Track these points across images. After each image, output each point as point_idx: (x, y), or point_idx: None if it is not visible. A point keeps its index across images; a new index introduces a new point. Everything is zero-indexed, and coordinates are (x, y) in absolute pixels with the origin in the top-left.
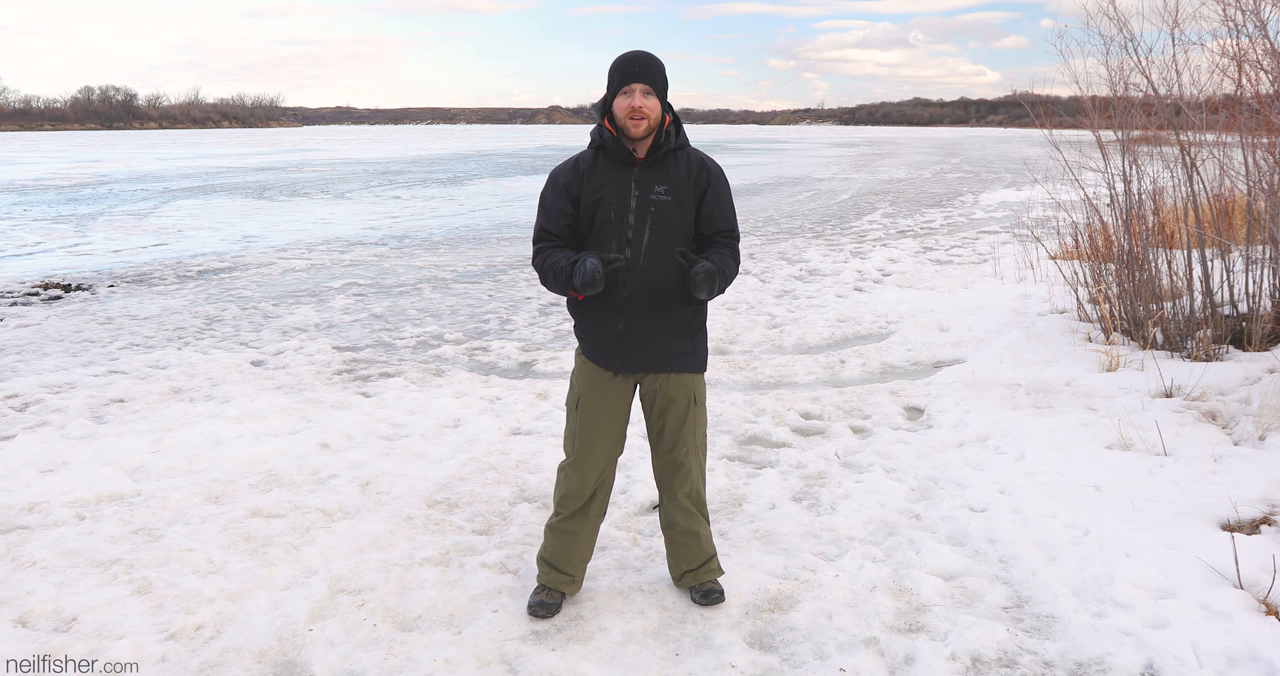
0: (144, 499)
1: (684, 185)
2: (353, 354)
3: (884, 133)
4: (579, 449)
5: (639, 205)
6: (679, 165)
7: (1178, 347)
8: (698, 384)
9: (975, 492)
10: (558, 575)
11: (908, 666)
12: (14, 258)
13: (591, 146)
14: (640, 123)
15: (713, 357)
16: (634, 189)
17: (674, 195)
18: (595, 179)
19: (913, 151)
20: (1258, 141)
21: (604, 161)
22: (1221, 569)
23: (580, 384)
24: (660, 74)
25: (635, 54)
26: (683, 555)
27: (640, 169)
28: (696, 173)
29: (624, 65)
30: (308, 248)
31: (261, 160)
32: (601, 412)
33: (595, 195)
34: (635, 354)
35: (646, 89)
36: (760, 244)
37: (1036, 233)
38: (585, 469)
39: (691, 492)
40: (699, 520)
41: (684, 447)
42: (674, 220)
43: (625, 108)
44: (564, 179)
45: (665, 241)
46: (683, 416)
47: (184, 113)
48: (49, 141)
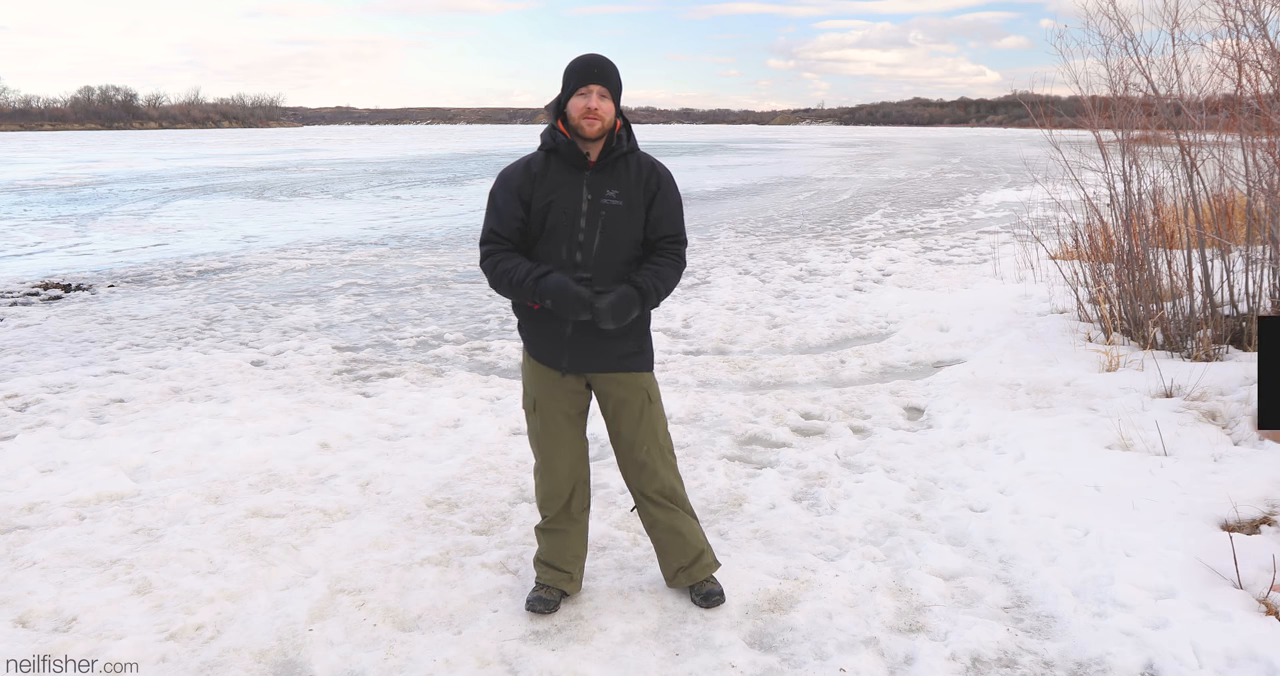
0: (144, 499)
1: (635, 189)
2: (353, 354)
3: (884, 133)
4: (545, 450)
5: (590, 209)
6: (630, 169)
7: (1178, 347)
8: (649, 382)
9: (975, 492)
10: (555, 573)
11: (908, 666)
12: (14, 258)
13: (543, 149)
14: (595, 123)
15: (713, 357)
16: (585, 192)
17: (625, 199)
18: (547, 182)
19: (913, 151)
20: (1258, 141)
21: (555, 164)
22: (1221, 569)
23: (531, 385)
24: (616, 78)
25: (593, 56)
26: (671, 553)
27: (592, 172)
28: (647, 177)
29: (581, 67)
30: (308, 248)
31: (261, 160)
32: (557, 411)
33: (547, 198)
34: (582, 356)
35: (603, 91)
36: (760, 244)
37: (1036, 233)
38: (555, 468)
39: (663, 489)
40: (679, 515)
41: (644, 447)
42: (624, 224)
43: (581, 108)
44: (516, 181)
45: (616, 246)
46: (638, 416)
47: (184, 113)
48: (49, 141)
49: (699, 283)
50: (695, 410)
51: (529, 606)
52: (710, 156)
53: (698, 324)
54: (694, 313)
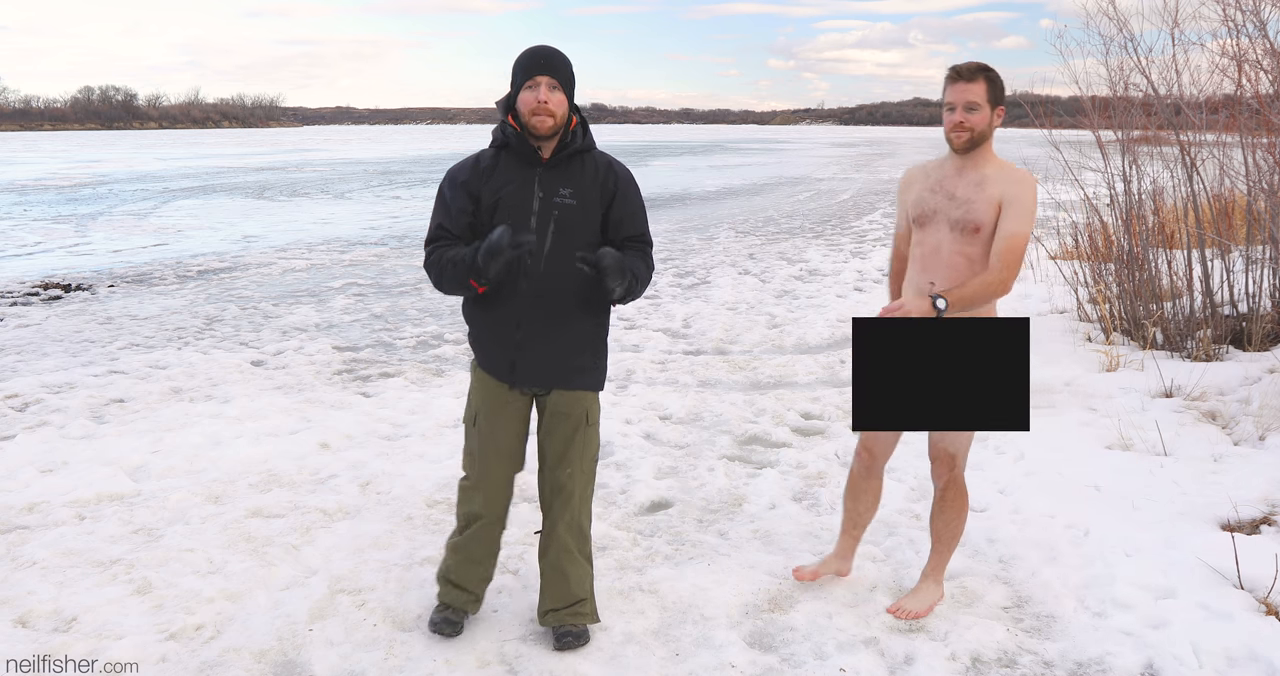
0: (144, 499)
1: (591, 189)
2: (353, 354)
3: (884, 133)
4: (479, 469)
5: (542, 207)
6: (585, 168)
7: (1178, 347)
8: (592, 402)
9: (975, 492)
10: (461, 594)
11: (908, 666)
12: (14, 258)
13: (494, 145)
14: (546, 119)
15: (713, 357)
16: (537, 190)
17: (579, 199)
18: (496, 178)
19: (913, 151)
20: (1258, 141)
21: (506, 160)
22: (1221, 569)
23: (477, 399)
24: (567, 69)
25: (541, 47)
26: (549, 592)
27: (545, 169)
28: (604, 176)
29: (528, 58)
30: (308, 248)
31: (261, 160)
32: (499, 429)
33: (495, 195)
34: (532, 366)
35: (553, 83)
36: (760, 244)
37: (1036, 232)
38: (486, 487)
39: (572, 524)
40: (575, 559)
41: (568, 469)
42: (578, 225)
43: (530, 101)
44: (463, 176)
45: (569, 247)
46: (571, 434)
47: (184, 113)
48: (49, 141)
49: (699, 283)
50: (695, 410)
51: (436, 629)
52: (710, 156)
53: (698, 324)
54: (694, 313)
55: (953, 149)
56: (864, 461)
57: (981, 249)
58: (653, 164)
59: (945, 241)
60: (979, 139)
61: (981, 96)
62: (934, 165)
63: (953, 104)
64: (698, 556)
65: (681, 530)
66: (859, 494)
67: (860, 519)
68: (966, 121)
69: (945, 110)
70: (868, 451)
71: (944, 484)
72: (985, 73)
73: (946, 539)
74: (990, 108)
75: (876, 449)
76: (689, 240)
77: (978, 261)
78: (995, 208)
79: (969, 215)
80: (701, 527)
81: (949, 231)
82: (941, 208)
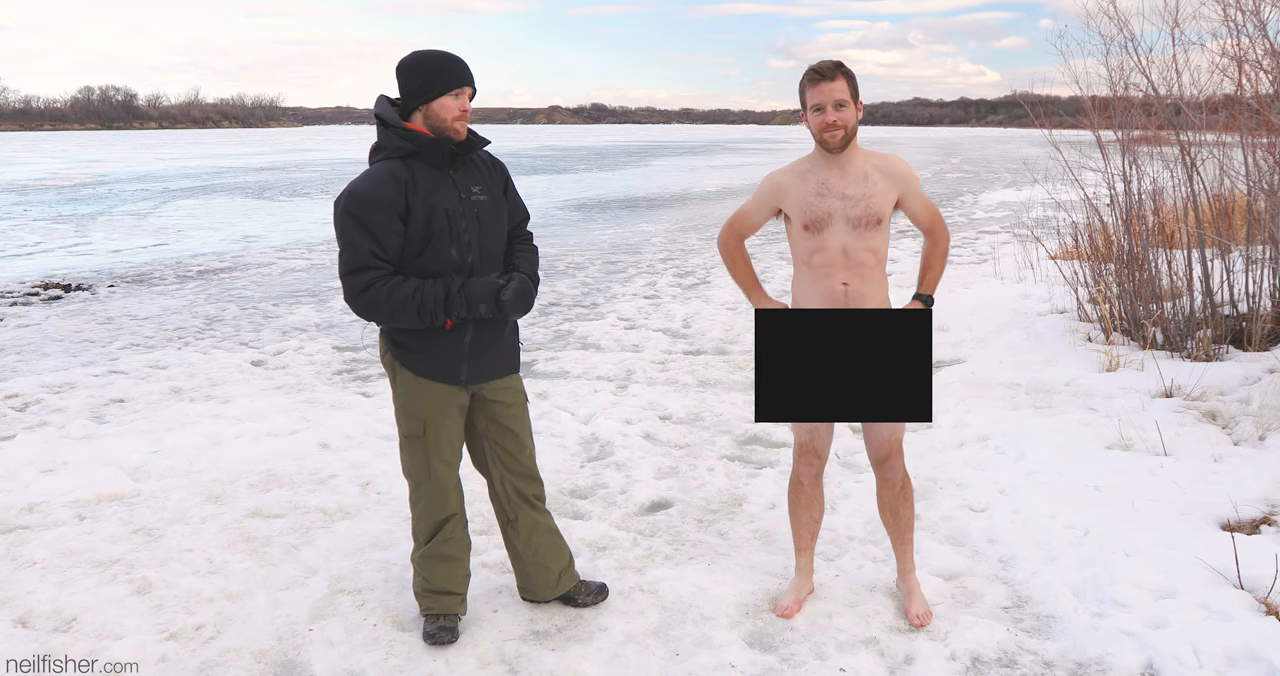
0: (144, 499)
1: (494, 185)
2: (353, 354)
3: (884, 133)
4: (440, 472)
5: (465, 208)
6: (480, 165)
7: (1178, 347)
8: (521, 382)
9: (975, 492)
10: (449, 598)
11: (908, 666)
12: (14, 258)
13: (397, 155)
14: (466, 125)
15: (713, 357)
16: (458, 192)
17: (488, 194)
18: (420, 188)
19: (913, 151)
20: (1258, 141)
21: (419, 168)
22: (1221, 569)
23: (420, 407)
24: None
25: (455, 56)
26: (552, 556)
27: (455, 171)
28: (496, 168)
29: (455, 69)
30: (308, 248)
31: (261, 160)
32: (451, 430)
33: (427, 203)
34: (481, 362)
35: (473, 92)
36: (760, 244)
37: (1036, 233)
38: (446, 489)
39: (540, 494)
40: (550, 516)
41: (527, 450)
42: (494, 219)
43: (454, 109)
44: (387, 194)
45: (494, 241)
46: (523, 417)
47: (184, 113)
48: (49, 141)
49: (699, 283)
50: (695, 410)
51: (432, 641)
52: (710, 156)
53: (698, 324)
54: (694, 312)
55: (827, 149)
56: (813, 467)
57: (881, 239)
58: (653, 164)
59: (849, 240)
60: (851, 135)
61: (847, 93)
62: (805, 168)
63: (820, 104)
64: (698, 556)
65: (681, 530)
66: (810, 502)
67: (815, 529)
68: (839, 120)
69: (812, 111)
70: (815, 455)
71: (900, 476)
72: (843, 69)
73: (909, 530)
74: (854, 103)
75: (822, 450)
76: (689, 240)
77: (880, 252)
78: (893, 196)
79: (870, 210)
80: (701, 527)
81: (851, 230)
82: (836, 209)
